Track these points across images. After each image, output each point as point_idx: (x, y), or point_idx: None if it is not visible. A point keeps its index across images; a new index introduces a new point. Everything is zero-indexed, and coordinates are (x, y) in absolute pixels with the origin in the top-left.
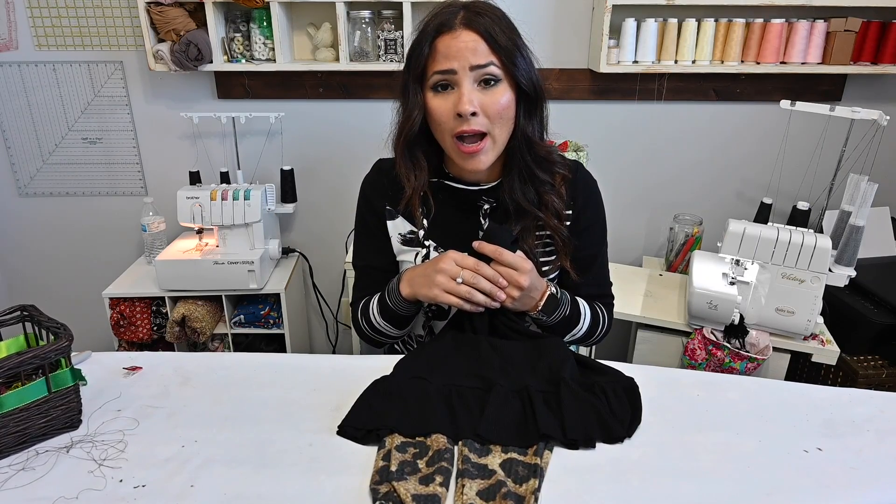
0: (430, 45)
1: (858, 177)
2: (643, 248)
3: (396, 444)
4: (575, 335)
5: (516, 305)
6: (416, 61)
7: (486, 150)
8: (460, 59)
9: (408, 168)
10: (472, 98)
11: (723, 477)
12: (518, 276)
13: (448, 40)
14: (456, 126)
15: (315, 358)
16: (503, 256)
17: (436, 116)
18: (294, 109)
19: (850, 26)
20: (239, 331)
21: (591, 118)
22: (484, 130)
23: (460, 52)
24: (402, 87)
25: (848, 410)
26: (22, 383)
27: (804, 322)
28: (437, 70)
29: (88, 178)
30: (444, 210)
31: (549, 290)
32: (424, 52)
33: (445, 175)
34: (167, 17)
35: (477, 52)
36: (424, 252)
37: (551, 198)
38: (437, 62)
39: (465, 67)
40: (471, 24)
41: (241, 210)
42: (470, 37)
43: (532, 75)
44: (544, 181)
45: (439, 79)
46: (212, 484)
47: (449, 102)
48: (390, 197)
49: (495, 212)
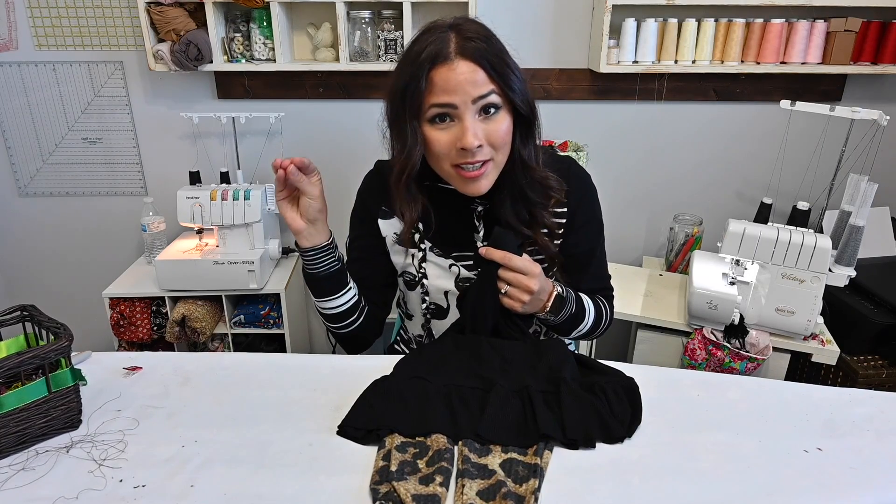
0: (427, 77)
1: (858, 177)
2: (643, 248)
3: (396, 444)
4: (581, 331)
5: (526, 309)
6: (413, 95)
7: (488, 173)
8: (461, 92)
9: (404, 204)
10: (476, 131)
11: (723, 477)
12: (528, 281)
13: (445, 73)
14: (458, 158)
15: (315, 358)
16: (512, 262)
17: (436, 150)
18: (294, 109)
19: (850, 26)
20: (239, 331)
21: (591, 118)
22: (488, 158)
23: (460, 84)
24: (394, 117)
25: (848, 410)
26: (22, 383)
27: (804, 322)
28: (435, 103)
29: (88, 178)
30: (438, 212)
31: (556, 290)
32: (422, 87)
33: (438, 178)
34: (167, 17)
35: (476, 82)
36: (421, 255)
37: (543, 214)
38: (435, 95)
39: (466, 101)
40: (465, 53)
41: (241, 210)
42: (468, 67)
43: (527, 94)
44: (536, 203)
45: (438, 112)
46: (212, 484)
47: (450, 135)
48: (387, 198)
49: (489, 213)
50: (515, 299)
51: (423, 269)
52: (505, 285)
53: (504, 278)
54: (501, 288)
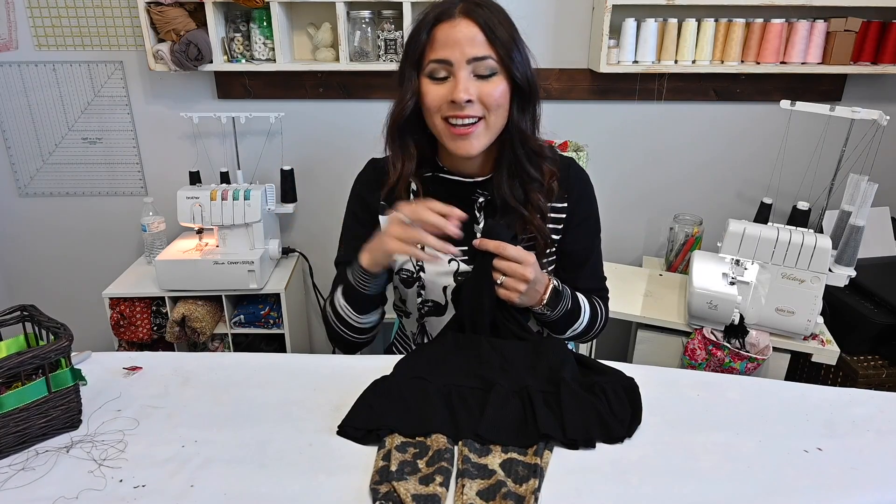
0: (429, 32)
1: (858, 177)
2: (643, 248)
3: (396, 444)
4: (576, 330)
5: (523, 300)
6: (414, 48)
7: (479, 133)
8: (458, 49)
9: (395, 154)
10: (469, 87)
11: (723, 477)
12: (523, 270)
13: (447, 29)
14: (448, 111)
15: (315, 358)
16: (507, 251)
17: (427, 101)
18: (294, 109)
19: (850, 26)
20: (239, 331)
21: (591, 118)
22: (479, 115)
23: (458, 42)
24: (399, 75)
25: (848, 410)
26: (22, 383)
27: (804, 322)
28: (433, 58)
29: (88, 178)
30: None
31: (553, 283)
32: (422, 39)
33: (440, 168)
34: (167, 17)
35: (475, 43)
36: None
37: (537, 196)
38: (434, 50)
39: (462, 60)
40: (470, 15)
41: (241, 210)
42: (469, 27)
43: (528, 71)
44: (534, 178)
45: (435, 67)
46: (212, 484)
47: (444, 90)
48: (384, 194)
49: (490, 205)
50: (512, 289)
51: (419, 262)
52: (501, 276)
53: (499, 268)
54: (497, 279)
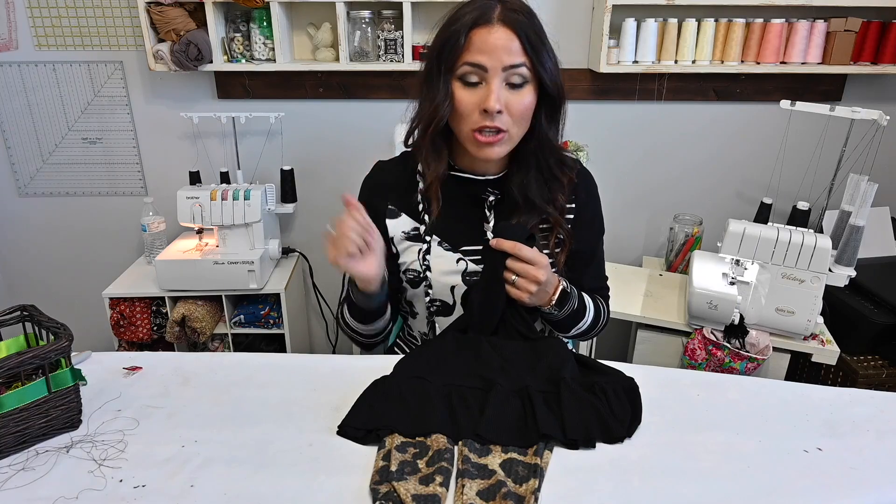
0: (466, 35)
1: (858, 177)
2: (643, 248)
3: (396, 444)
4: (580, 328)
5: (533, 300)
6: (450, 50)
7: (502, 143)
8: (494, 56)
9: (431, 158)
10: (500, 96)
11: (723, 477)
12: (535, 271)
13: (484, 34)
14: (479, 121)
15: (315, 358)
16: (521, 252)
17: (460, 108)
18: (294, 109)
19: (850, 26)
20: (239, 331)
21: (591, 118)
22: (504, 129)
23: (496, 49)
24: (427, 74)
25: (848, 410)
26: (22, 383)
27: (804, 322)
28: (468, 62)
29: (88, 178)
30: (448, 203)
31: (562, 284)
32: (461, 42)
33: (451, 166)
34: (167, 17)
35: (511, 51)
36: (426, 247)
37: (559, 195)
38: (470, 54)
39: (497, 67)
40: (507, 22)
41: (241, 210)
42: (506, 34)
43: (557, 79)
44: (558, 179)
45: (469, 70)
46: (212, 484)
47: (476, 97)
48: (394, 196)
49: (500, 204)
50: (523, 290)
51: (426, 261)
52: (513, 276)
53: (512, 268)
54: (509, 278)
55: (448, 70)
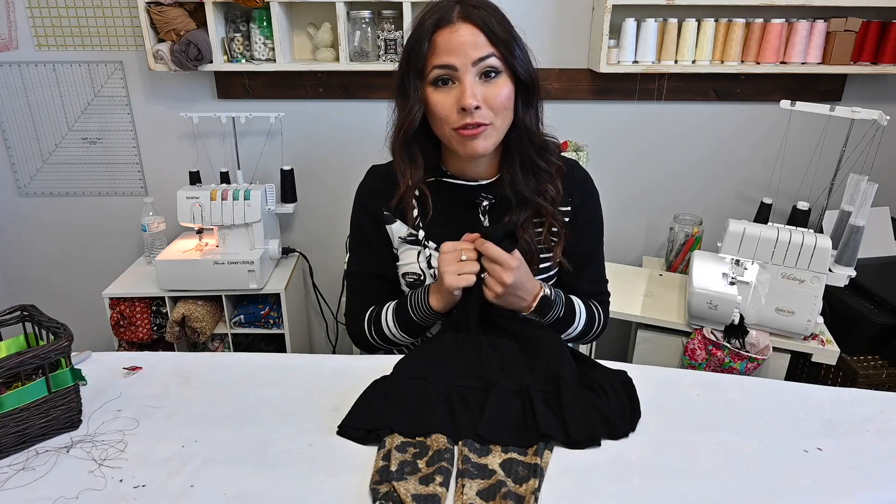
0: (430, 40)
1: (858, 177)
2: (643, 248)
3: (396, 444)
4: (570, 335)
5: (502, 302)
6: (416, 57)
7: (487, 134)
8: (461, 53)
9: (405, 165)
10: (475, 91)
11: (723, 477)
12: (500, 272)
13: (447, 35)
14: (459, 120)
15: (315, 358)
16: (487, 249)
17: (437, 111)
18: (294, 109)
19: (850, 26)
20: (239, 331)
21: (591, 118)
22: (487, 122)
23: (461, 46)
24: (400, 83)
25: (848, 410)
26: (22, 383)
27: (804, 322)
28: (437, 64)
29: (88, 178)
30: (442, 209)
31: (543, 291)
32: (424, 48)
33: (443, 173)
34: (167, 17)
35: (477, 45)
36: (428, 253)
37: (548, 186)
38: (437, 56)
39: (466, 63)
40: (468, 18)
41: (241, 210)
42: (469, 30)
43: (528, 66)
44: (543, 169)
45: (440, 73)
46: (212, 484)
47: (451, 97)
48: (387, 202)
49: (494, 208)
50: (490, 288)
51: (431, 267)
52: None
53: (483, 266)
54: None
55: (418, 76)
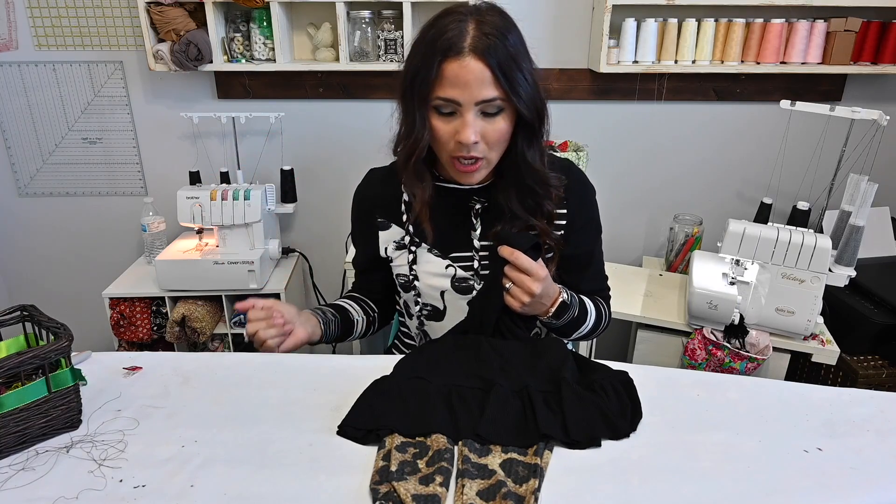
0: (438, 68)
1: (858, 177)
2: (643, 248)
3: (396, 444)
4: (581, 333)
5: (525, 310)
6: (422, 81)
7: (480, 169)
8: (466, 91)
9: (414, 185)
10: (475, 129)
11: (723, 477)
12: (530, 283)
13: (456, 68)
14: (456, 150)
15: (315, 358)
16: (519, 260)
17: (437, 136)
18: (294, 109)
19: (850, 26)
20: (239, 331)
21: (591, 118)
22: (481, 156)
23: (468, 84)
24: (404, 98)
25: (848, 410)
26: (22, 383)
27: (804, 322)
28: (441, 96)
29: (88, 178)
30: (437, 212)
31: (562, 297)
32: (431, 76)
33: (436, 177)
34: (167, 17)
35: (484, 84)
36: (412, 257)
37: (545, 203)
38: (442, 88)
39: (470, 102)
40: (478, 51)
41: (241, 210)
42: (477, 66)
43: (535, 102)
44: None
45: (443, 104)
46: (212, 484)
47: (451, 127)
48: (382, 207)
49: (487, 212)
50: (516, 298)
51: (413, 271)
52: (509, 283)
53: (509, 276)
54: (505, 284)
55: (423, 101)
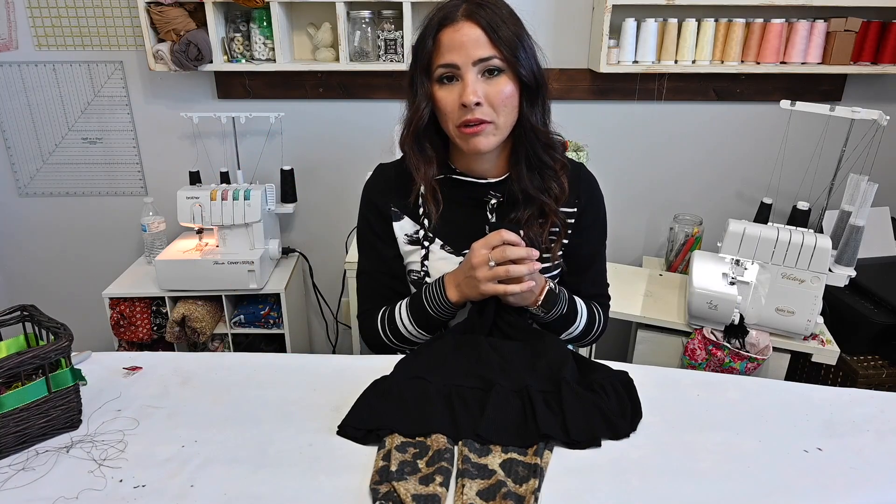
0: (434, 38)
1: (858, 177)
2: (643, 248)
3: (396, 444)
4: (571, 333)
5: (517, 299)
6: (422, 55)
7: (488, 132)
8: (462, 52)
9: (417, 160)
10: (476, 89)
11: (723, 477)
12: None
13: (451, 33)
14: (461, 116)
15: (315, 358)
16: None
17: (441, 107)
18: (294, 109)
19: (850, 26)
20: (239, 331)
21: (591, 118)
22: (488, 119)
23: (463, 45)
24: (409, 80)
25: (848, 410)
26: (22, 383)
27: (804, 322)
28: (441, 63)
29: (88, 178)
30: (450, 206)
31: (548, 284)
32: (429, 46)
33: (452, 170)
34: (167, 17)
35: (479, 44)
36: (425, 253)
37: (552, 183)
38: (440, 55)
39: (467, 62)
40: (472, 17)
41: (241, 210)
42: (471, 29)
43: (533, 67)
44: (548, 166)
45: (444, 72)
46: (212, 484)
47: (454, 94)
48: (395, 199)
49: (502, 207)
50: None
51: (425, 267)
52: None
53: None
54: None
55: (424, 74)
